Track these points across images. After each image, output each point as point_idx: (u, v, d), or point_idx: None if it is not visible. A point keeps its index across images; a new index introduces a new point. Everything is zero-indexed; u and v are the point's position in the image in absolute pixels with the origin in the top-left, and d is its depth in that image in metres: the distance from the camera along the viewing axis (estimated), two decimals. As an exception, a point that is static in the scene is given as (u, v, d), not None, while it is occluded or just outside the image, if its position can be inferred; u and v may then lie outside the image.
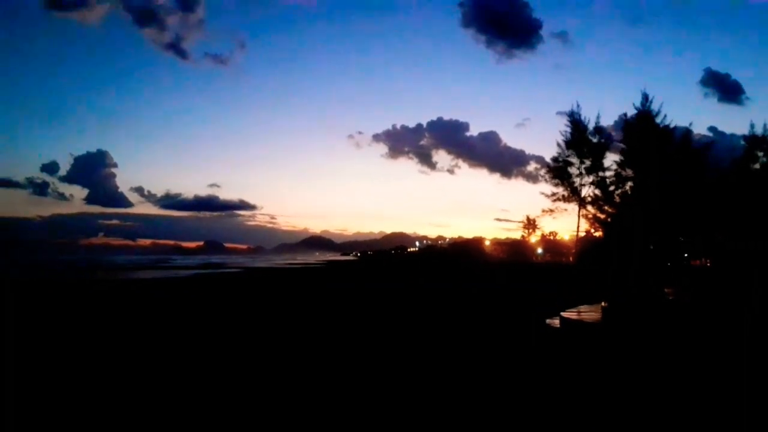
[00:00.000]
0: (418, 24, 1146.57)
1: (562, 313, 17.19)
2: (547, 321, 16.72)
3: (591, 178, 35.35)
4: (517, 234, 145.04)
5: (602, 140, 34.67)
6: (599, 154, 34.85)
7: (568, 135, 35.18)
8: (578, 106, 34.87)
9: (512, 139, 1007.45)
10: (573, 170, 35.61)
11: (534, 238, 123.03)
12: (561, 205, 36.54)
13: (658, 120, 32.41)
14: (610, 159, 37.31)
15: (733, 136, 46.41)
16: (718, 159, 39.95)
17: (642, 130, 32.27)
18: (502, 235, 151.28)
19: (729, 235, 36.46)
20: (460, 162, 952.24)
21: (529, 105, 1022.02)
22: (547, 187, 38.31)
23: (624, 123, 33.08)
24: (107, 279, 56.92)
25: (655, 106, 32.53)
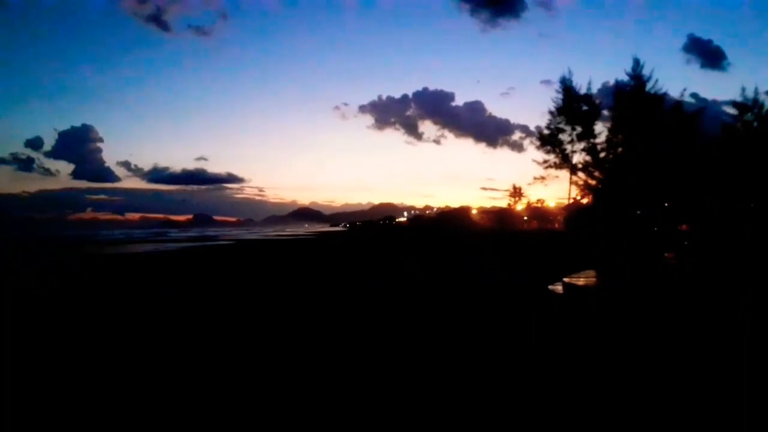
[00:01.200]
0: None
1: (565, 279, 17.48)
2: (550, 287, 16.98)
3: (582, 145, 35.68)
4: (502, 202, 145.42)
5: (593, 107, 34.95)
6: (590, 121, 34.98)
7: (560, 101, 35.30)
8: (570, 72, 34.92)
9: (497, 108, 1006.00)
10: (564, 137, 35.85)
11: (520, 206, 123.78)
12: (552, 172, 36.83)
13: (649, 86, 32.61)
14: (600, 126, 37.84)
15: (714, 102, 46.48)
16: (704, 125, 40.47)
17: (633, 96, 32.46)
18: (488, 204, 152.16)
19: (720, 198, 37.08)
20: (446, 132, 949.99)
21: (514, 74, 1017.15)
22: (538, 155, 38.68)
23: (615, 89, 33.26)
24: (108, 253, 56.61)
25: (646, 72, 32.90)
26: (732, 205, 37.13)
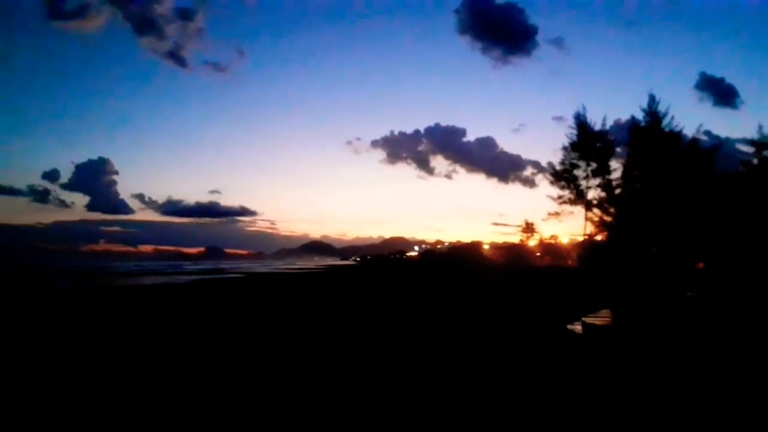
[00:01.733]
0: (415, 31, 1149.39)
1: (584, 319, 17.05)
2: (569, 327, 16.51)
3: (597, 181, 35.37)
4: (513, 238, 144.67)
5: (608, 143, 34.75)
6: (605, 157, 34.80)
7: (574, 137, 35.17)
8: (584, 108, 34.85)
9: (509, 144, 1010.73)
10: (579, 173, 35.63)
11: (533, 242, 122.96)
12: (567, 207, 36.52)
13: (665, 122, 32.49)
14: (614, 162, 37.61)
15: (728, 139, 46.25)
16: (719, 162, 40.19)
17: (649, 133, 32.28)
18: (500, 239, 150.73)
19: (736, 235, 36.47)
20: (458, 167, 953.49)
21: (525, 110, 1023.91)
22: (551, 190, 38.40)
23: (631, 125, 33.06)
24: (124, 285, 56.59)
25: (661, 108, 32.76)
26: (747, 241, 36.56)
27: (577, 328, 15.89)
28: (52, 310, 26.68)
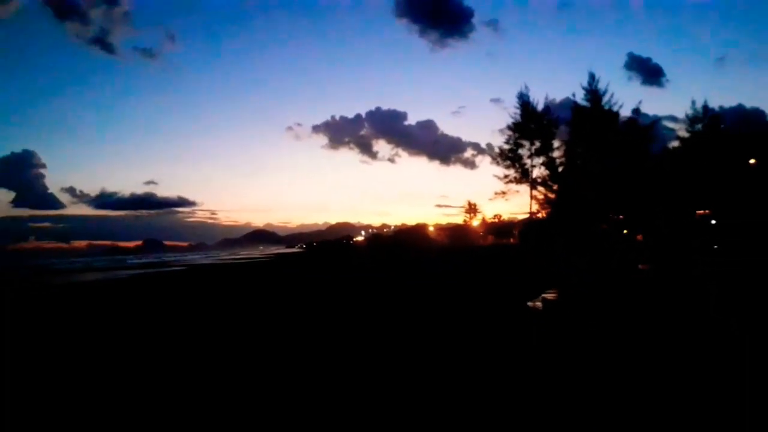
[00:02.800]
0: (353, 14, 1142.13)
1: (544, 295, 17.31)
2: (529, 303, 16.54)
3: (541, 159, 35.94)
4: (457, 219, 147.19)
5: (550, 122, 35.22)
6: (548, 136, 35.32)
7: (518, 117, 35.52)
8: (526, 88, 35.22)
9: (449, 126, 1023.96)
10: (523, 152, 36.06)
11: (476, 222, 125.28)
12: (513, 186, 37.02)
13: (605, 100, 33.20)
14: (557, 141, 38.27)
15: (655, 117, 47.99)
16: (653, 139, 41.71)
17: (590, 112, 32.87)
18: (444, 221, 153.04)
19: (670, 209, 38.00)
20: (400, 151, 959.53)
21: (464, 93, 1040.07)
22: (491, 171, 38.98)
23: (573, 104, 33.58)
24: (58, 283, 53.42)
25: (601, 86, 33.45)
26: (680, 215, 38.23)
27: (537, 304, 15.95)
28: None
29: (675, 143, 42.15)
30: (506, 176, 34.41)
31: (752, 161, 39.55)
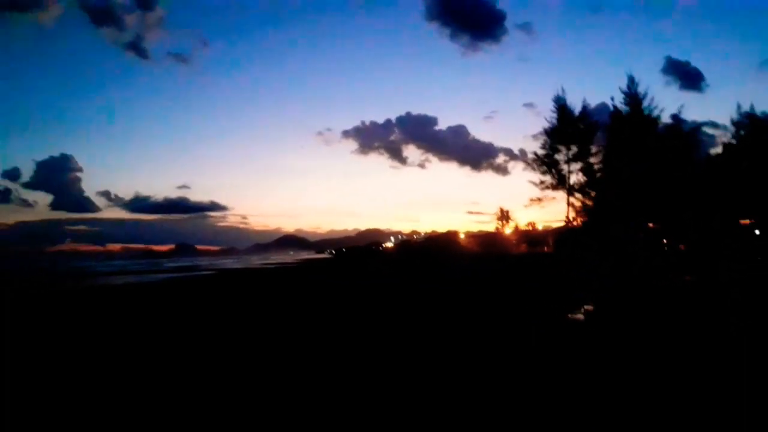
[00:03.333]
0: (383, 19, 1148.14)
1: (586, 307, 16.71)
2: (569, 316, 15.94)
3: (578, 165, 35.03)
4: (488, 226, 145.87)
5: (589, 126, 34.34)
6: (586, 140, 34.45)
7: (554, 121, 34.74)
8: (563, 91, 34.45)
9: (480, 132, 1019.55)
10: (560, 157, 35.24)
11: (508, 230, 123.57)
12: (549, 193, 36.19)
13: (645, 104, 32.24)
14: (594, 146, 37.18)
15: (694, 123, 46.53)
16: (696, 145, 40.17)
17: (630, 116, 31.94)
18: (475, 228, 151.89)
19: (714, 215, 36.59)
20: (431, 156, 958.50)
21: (496, 97, 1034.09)
22: (534, 176, 37.78)
23: (613, 109, 32.66)
24: (94, 286, 54.53)
25: (641, 90, 32.46)
26: (723, 223, 36.74)
27: (578, 316, 15.33)
28: (17, 315, 25.18)
29: (716, 150, 40.71)
30: (542, 182, 33.75)
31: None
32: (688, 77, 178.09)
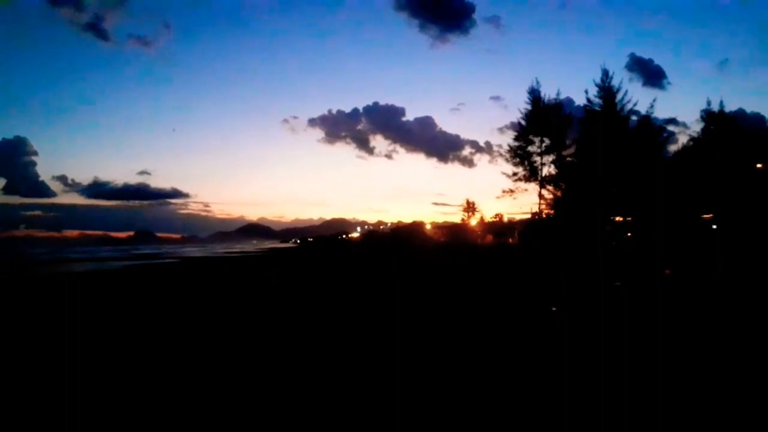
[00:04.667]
0: (352, 7, 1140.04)
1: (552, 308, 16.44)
2: (554, 308, 15.66)
3: (551, 157, 34.99)
4: (454, 217, 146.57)
5: (562, 118, 34.26)
6: (560, 132, 34.39)
7: (528, 111, 34.51)
8: (538, 82, 34.28)
9: (447, 123, 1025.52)
10: (533, 149, 35.14)
11: (474, 221, 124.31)
12: (521, 185, 36.09)
13: (619, 97, 32.28)
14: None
15: (656, 119, 47.26)
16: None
17: (604, 110, 31.93)
18: (441, 219, 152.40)
19: (681, 211, 37.17)
20: (398, 147, 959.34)
21: (463, 90, 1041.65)
22: (507, 167, 37.64)
23: (586, 102, 32.58)
24: (50, 274, 52.29)
25: (614, 83, 32.50)
26: (685, 218, 37.40)
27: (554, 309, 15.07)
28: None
29: (675, 146, 41.38)
30: (515, 174, 33.54)
31: (759, 165, 38.87)
32: (651, 74, 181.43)
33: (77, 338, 14.03)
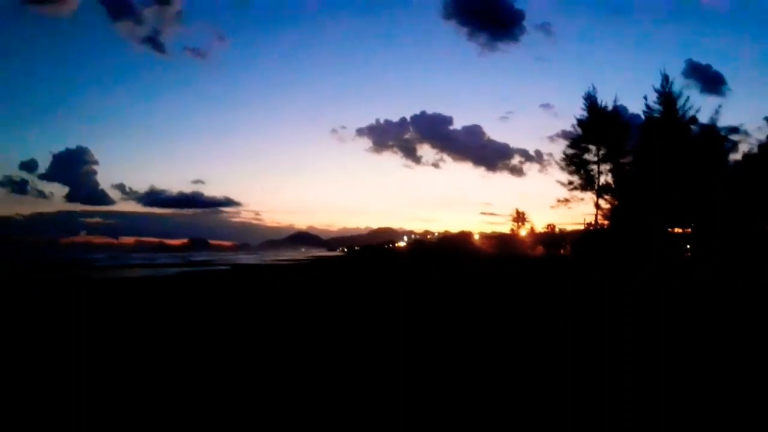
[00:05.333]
0: (399, 17, 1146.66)
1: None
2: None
3: (608, 166, 33.83)
4: (501, 227, 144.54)
5: (621, 126, 33.09)
6: (618, 140, 33.25)
7: (584, 118, 33.49)
8: (594, 88, 33.17)
9: (496, 132, 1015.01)
10: (589, 157, 34.09)
11: (523, 232, 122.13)
12: (577, 194, 35.02)
13: (680, 103, 31.02)
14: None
15: (714, 127, 45.39)
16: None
17: (664, 119, 30.66)
18: (488, 229, 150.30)
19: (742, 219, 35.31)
20: (445, 156, 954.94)
21: (512, 98, 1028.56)
22: (562, 176, 36.61)
23: (646, 110, 31.37)
24: (108, 278, 54.46)
25: (675, 89, 31.23)
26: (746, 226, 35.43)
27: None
28: (31, 306, 24.82)
29: (736, 156, 39.39)
30: (570, 183, 32.63)
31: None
32: (710, 81, 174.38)
33: (139, 335, 14.42)
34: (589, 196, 32.79)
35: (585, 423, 7.14)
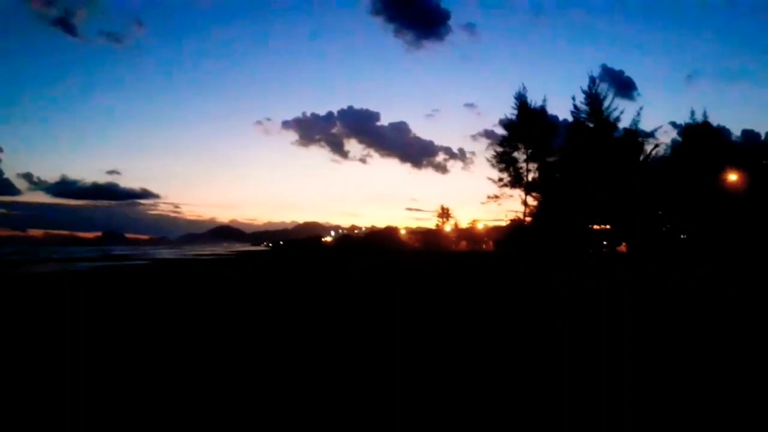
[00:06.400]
0: (328, 11, 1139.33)
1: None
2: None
3: (536, 164, 35.08)
4: (427, 223, 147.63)
5: (548, 125, 34.38)
6: (546, 139, 34.49)
7: (514, 117, 34.49)
8: (524, 88, 34.29)
9: (421, 129, 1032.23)
10: (518, 155, 35.17)
11: (448, 227, 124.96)
12: (507, 191, 36.13)
13: (605, 104, 32.56)
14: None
15: (625, 130, 48.42)
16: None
17: (591, 119, 32.08)
18: (414, 224, 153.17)
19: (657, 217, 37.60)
20: (372, 151, 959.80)
21: (438, 96, 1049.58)
22: (493, 173, 37.60)
23: (574, 110, 32.78)
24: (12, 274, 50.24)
25: (601, 91, 32.72)
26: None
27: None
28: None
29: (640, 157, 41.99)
30: (500, 179, 33.52)
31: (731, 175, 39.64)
32: (622, 85, 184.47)
33: (68, 337, 13.26)
34: (518, 193, 33.70)
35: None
